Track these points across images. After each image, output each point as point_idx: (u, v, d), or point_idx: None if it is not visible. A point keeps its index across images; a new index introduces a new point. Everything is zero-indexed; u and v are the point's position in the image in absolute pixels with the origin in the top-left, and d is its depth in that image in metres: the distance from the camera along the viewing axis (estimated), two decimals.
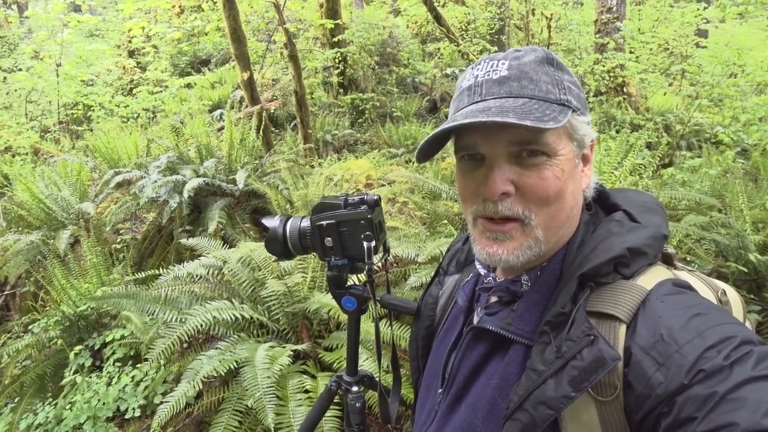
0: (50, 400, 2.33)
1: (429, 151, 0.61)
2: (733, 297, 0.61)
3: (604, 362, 0.47)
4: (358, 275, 0.89)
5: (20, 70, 7.01)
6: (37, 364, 2.52)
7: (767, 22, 10.98)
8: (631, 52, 6.68)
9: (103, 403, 2.11)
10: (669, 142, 3.98)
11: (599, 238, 0.57)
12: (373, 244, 0.80)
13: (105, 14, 10.45)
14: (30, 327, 2.75)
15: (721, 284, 0.61)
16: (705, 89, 4.44)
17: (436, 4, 6.63)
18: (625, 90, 6.06)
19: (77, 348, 2.45)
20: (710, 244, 2.38)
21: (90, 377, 2.29)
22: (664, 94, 6.53)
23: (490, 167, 0.57)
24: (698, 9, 7.16)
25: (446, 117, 0.78)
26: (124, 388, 2.18)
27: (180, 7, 9.11)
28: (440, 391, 0.67)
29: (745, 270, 2.24)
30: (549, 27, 5.68)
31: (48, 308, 3.01)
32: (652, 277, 0.54)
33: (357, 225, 0.80)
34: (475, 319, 0.67)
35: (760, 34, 9.54)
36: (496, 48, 6.51)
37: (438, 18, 6.46)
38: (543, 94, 0.55)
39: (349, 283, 0.91)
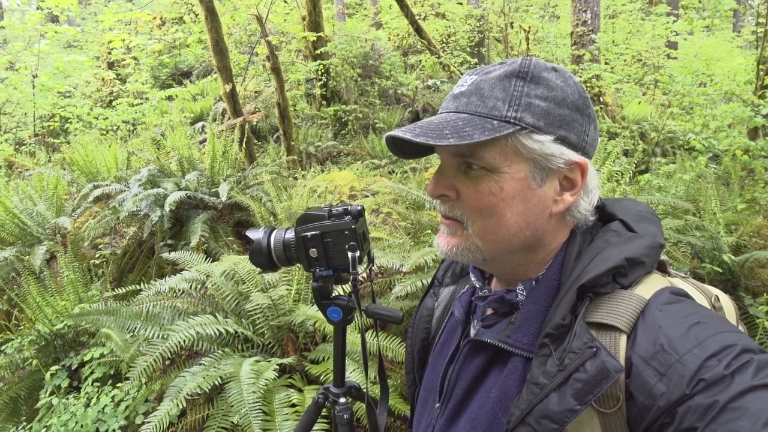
0: (24, 423, 2.23)
1: (412, 150, 0.64)
2: (726, 302, 0.61)
3: (607, 374, 0.47)
4: (344, 285, 0.90)
5: None
6: (10, 386, 2.41)
7: (733, 34, 11.52)
8: (606, 63, 6.92)
9: (81, 426, 2.04)
10: (644, 149, 4.11)
11: (597, 248, 0.57)
12: (358, 254, 0.80)
13: (84, 25, 10.30)
14: (2, 347, 2.64)
15: (714, 290, 0.61)
16: (677, 98, 4.61)
17: (416, 18, 6.76)
18: (601, 99, 6.25)
19: (53, 368, 2.36)
20: (686, 247, 2.45)
21: (67, 398, 2.20)
22: (639, 103, 6.75)
23: (437, 172, 0.61)
24: (668, 22, 7.48)
25: None
26: (103, 408, 2.10)
27: (161, 18, 9.06)
28: (438, 405, 0.66)
29: (720, 270, 2.32)
30: (527, 39, 5.84)
31: (22, 327, 2.90)
32: (650, 286, 0.54)
33: (341, 235, 0.80)
34: (472, 332, 0.67)
35: (726, 46, 9.97)
36: (476, 60, 6.64)
37: (419, 31, 6.58)
38: (487, 111, 0.55)
39: (334, 294, 0.91)
